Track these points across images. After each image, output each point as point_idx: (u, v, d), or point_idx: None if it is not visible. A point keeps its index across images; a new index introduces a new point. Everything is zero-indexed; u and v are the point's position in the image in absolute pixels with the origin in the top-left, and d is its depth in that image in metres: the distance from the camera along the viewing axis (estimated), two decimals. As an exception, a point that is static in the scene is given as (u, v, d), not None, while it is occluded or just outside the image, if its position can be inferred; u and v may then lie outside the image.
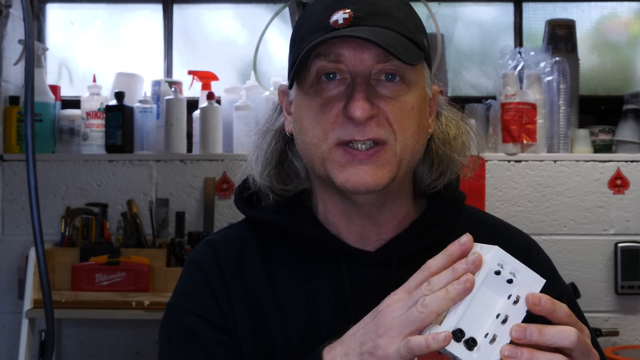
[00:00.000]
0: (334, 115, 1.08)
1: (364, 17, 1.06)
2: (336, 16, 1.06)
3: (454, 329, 0.88)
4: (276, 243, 1.20)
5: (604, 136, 3.12)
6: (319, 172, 1.12)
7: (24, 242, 3.00)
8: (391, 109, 1.08)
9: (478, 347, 0.88)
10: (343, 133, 1.07)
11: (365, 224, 1.16)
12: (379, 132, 1.07)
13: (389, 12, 1.09)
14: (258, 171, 1.19)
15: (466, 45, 3.38)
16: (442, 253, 0.95)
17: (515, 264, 0.90)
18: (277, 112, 1.23)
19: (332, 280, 1.15)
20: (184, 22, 3.43)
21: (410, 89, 1.10)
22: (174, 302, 1.21)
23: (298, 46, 1.11)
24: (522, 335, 0.87)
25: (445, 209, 1.20)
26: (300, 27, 1.13)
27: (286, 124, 1.19)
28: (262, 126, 1.23)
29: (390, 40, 1.04)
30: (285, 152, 1.21)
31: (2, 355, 3.07)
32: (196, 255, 1.22)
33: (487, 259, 0.89)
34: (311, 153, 1.11)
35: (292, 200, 1.21)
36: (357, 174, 1.08)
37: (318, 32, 1.07)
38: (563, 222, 3.00)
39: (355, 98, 1.05)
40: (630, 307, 2.99)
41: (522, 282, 0.89)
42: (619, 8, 3.42)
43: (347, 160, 1.08)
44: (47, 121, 3.09)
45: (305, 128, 1.11)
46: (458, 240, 0.94)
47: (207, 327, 1.15)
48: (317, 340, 1.11)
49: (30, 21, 1.01)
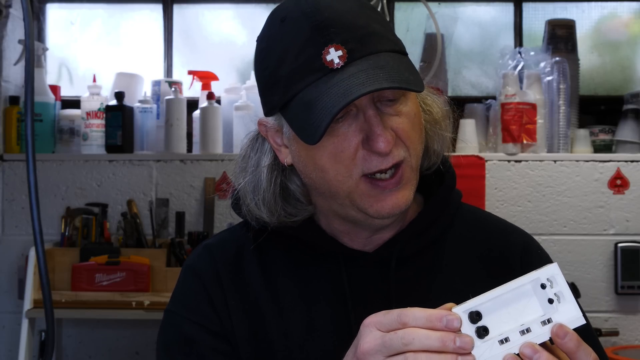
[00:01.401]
0: (353, 152, 1.06)
1: (356, 49, 1.04)
2: (330, 56, 1.03)
3: (473, 309, 0.87)
4: (274, 246, 1.19)
5: (604, 136, 3.12)
6: (343, 202, 1.10)
7: (24, 242, 3.00)
8: (402, 127, 1.07)
9: (487, 338, 0.87)
10: (368, 166, 1.06)
11: (370, 237, 1.17)
12: (399, 155, 1.07)
13: (370, 30, 1.06)
14: (266, 214, 1.15)
15: (466, 45, 3.38)
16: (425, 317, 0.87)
17: (565, 290, 0.88)
18: (259, 143, 1.19)
19: (331, 281, 1.15)
20: (184, 22, 3.43)
21: (406, 95, 1.09)
22: (172, 309, 1.20)
23: (287, 85, 1.06)
24: (530, 355, 0.86)
25: (442, 208, 1.20)
26: (278, 63, 1.07)
27: (281, 156, 1.15)
28: (252, 165, 1.18)
29: (395, 71, 1.03)
30: (285, 185, 1.18)
31: (2, 355, 3.07)
32: (193, 261, 1.22)
33: (542, 269, 0.88)
34: (334, 188, 1.09)
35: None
36: (390, 202, 1.08)
37: (314, 73, 1.04)
38: (563, 222, 3.00)
39: (377, 132, 1.04)
40: (630, 307, 2.99)
41: (562, 308, 0.88)
42: (619, 8, 3.42)
43: (377, 192, 1.08)
44: (47, 121, 3.10)
45: (324, 167, 1.08)
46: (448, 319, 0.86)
47: (205, 335, 1.15)
48: (318, 342, 1.11)
49: (30, 21, 1.01)
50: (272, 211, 1.15)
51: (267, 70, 1.10)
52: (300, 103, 1.04)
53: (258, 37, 1.14)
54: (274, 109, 1.11)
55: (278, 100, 1.09)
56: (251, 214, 1.16)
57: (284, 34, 1.08)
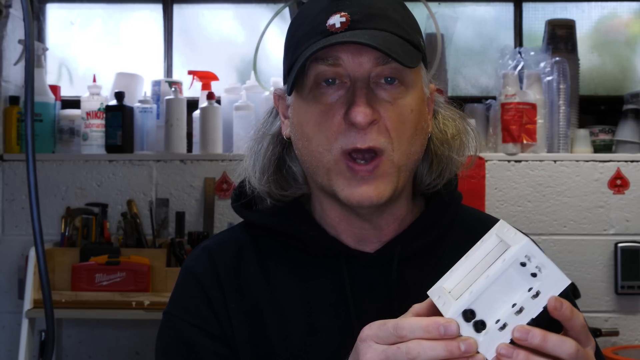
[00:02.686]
0: (336, 123, 1.07)
1: (361, 20, 1.06)
2: (332, 20, 1.06)
3: (466, 308, 0.88)
4: (274, 246, 1.19)
5: (604, 136, 3.12)
6: (322, 182, 1.11)
7: (24, 242, 3.00)
8: (390, 115, 1.07)
9: (486, 331, 0.87)
10: (346, 141, 1.06)
11: (365, 227, 1.16)
12: (379, 140, 1.06)
13: (386, 13, 1.08)
14: (256, 177, 1.18)
15: (466, 45, 3.38)
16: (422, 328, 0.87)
17: (543, 259, 0.89)
18: (272, 116, 1.21)
19: (332, 282, 1.15)
20: (183, 22, 3.43)
21: (409, 90, 1.09)
22: (171, 311, 1.19)
23: (294, 50, 1.10)
24: (524, 336, 0.86)
25: (443, 208, 1.20)
26: (295, 31, 1.12)
27: (283, 128, 1.17)
28: (258, 130, 1.21)
29: (389, 44, 1.04)
30: (282, 157, 1.19)
31: (2, 355, 3.07)
32: (191, 263, 1.21)
33: (516, 249, 0.88)
34: (315, 160, 1.10)
35: (290, 203, 1.20)
36: (361, 190, 1.07)
37: (315, 37, 1.07)
38: (563, 222, 3.00)
39: (357, 103, 1.05)
40: (630, 307, 2.99)
41: (546, 278, 0.88)
42: (619, 8, 3.42)
43: (350, 175, 1.07)
44: (47, 121, 3.10)
45: (308, 135, 1.09)
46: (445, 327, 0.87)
47: (204, 338, 1.14)
48: (319, 343, 1.11)
49: (30, 21, 1.01)
50: (261, 174, 1.17)
51: (286, 38, 1.15)
52: (297, 61, 1.08)
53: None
54: (284, 76, 1.14)
55: (287, 65, 1.12)
56: (247, 174, 1.19)
57: (308, 6, 1.12)
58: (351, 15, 1.06)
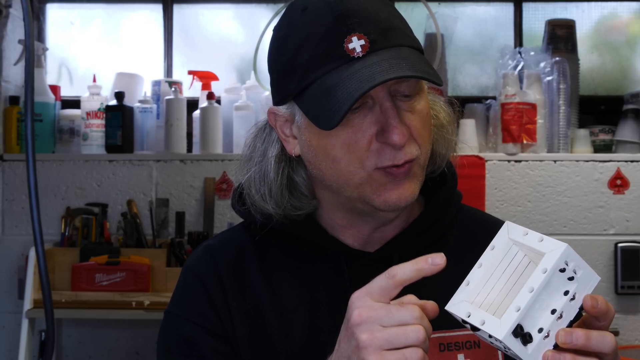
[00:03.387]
0: (367, 143, 1.06)
1: (378, 40, 1.04)
2: (352, 44, 1.04)
3: (517, 325, 0.87)
4: (275, 246, 1.19)
5: (604, 136, 3.12)
6: (351, 195, 1.10)
7: (24, 242, 3.00)
8: (415, 125, 1.08)
9: (533, 342, 0.87)
10: (381, 159, 1.07)
11: (372, 233, 1.17)
12: (412, 152, 1.07)
13: (391, 23, 1.08)
14: (272, 206, 1.15)
15: (466, 45, 3.38)
16: (412, 265, 0.92)
17: (578, 260, 0.89)
18: (266, 134, 1.18)
19: (333, 281, 1.15)
20: (183, 22, 3.43)
21: (420, 94, 1.10)
22: (172, 310, 1.20)
23: (305, 73, 1.06)
24: (568, 340, 0.86)
25: (444, 207, 1.20)
26: (298, 49, 1.06)
27: (288, 146, 1.15)
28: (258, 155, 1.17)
29: (416, 64, 1.04)
30: (290, 177, 1.17)
31: (2, 355, 3.07)
32: (193, 262, 1.21)
33: (557, 257, 0.87)
34: (344, 179, 1.09)
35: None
36: (398, 193, 1.08)
37: (334, 61, 1.04)
38: (563, 222, 3.00)
39: (393, 125, 1.04)
40: (630, 307, 2.99)
41: (582, 279, 0.89)
42: (619, 8, 3.42)
43: (387, 180, 1.08)
44: (47, 121, 3.09)
45: (336, 157, 1.08)
46: (432, 257, 0.92)
47: (206, 336, 1.15)
48: (320, 342, 1.11)
49: (30, 21, 1.01)
50: (278, 203, 1.14)
51: (284, 57, 1.09)
52: (319, 89, 1.04)
53: (275, 26, 1.14)
54: (288, 97, 1.10)
55: (293, 88, 1.08)
56: (256, 206, 1.16)
57: (305, 23, 1.07)
58: (367, 36, 1.04)
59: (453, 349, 1.13)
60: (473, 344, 1.13)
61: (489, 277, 0.93)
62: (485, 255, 0.94)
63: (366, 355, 0.89)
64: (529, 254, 0.93)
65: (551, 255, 0.88)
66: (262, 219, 1.16)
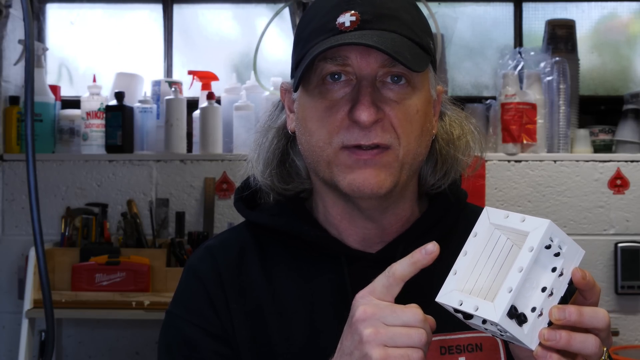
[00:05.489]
0: (339, 119, 1.07)
1: (371, 20, 1.06)
2: (342, 18, 1.06)
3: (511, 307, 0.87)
4: (276, 246, 1.19)
5: (604, 136, 3.12)
6: (324, 174, 1.11)
7: (24, 242, 3.00)
8: (396, 113, 1.07)
9: (528, 322, 0.87)
10: (348, 137, 1.07)
11: (368, 227, 1.16)
12: (384, 137, 1.07)
13: (397, 14, 1.08)
14: (259, 170, 1.19)
15: (466, 45, 3.38)
16: (408, 259, 0.93)
17: (562, 236, 0.89)
18: (278, 110, 1.22)
19: (333, 282, 1.14)
20: (183, 22, 3.43)
21: (415, 91, 1.09)
22: (173, 310, 1.20)
23: (303, 45, 1.10)
24: (562, 316, 0.86)
25: (447, 208, 1.20)
26: (306, 26, 1.12)
27: (288, 121, 1.18)
28: (264, 123, 1.22)
29: (398, 47, 1.04)
30: (287, 150, 1.20)
31: (2, 355, 3.07)
32: (194, 263, 1.21)
33: (541, 234, 0.88)
34: (316, 155, 1.10)
35: (292, 202, 1.20)
36: (362, 176, 1.07)
37: (324, 34, 1.07)
38: (563, 222, 3.00)
39: (362, 102, 1.05)
40: (630, 307, 2.99)
41: (567, 254, 0.88)
42: (619, 8, 3.42)
43: (352, 161, 1.07)
44: (47, 121, 3.09)
45: (310, 129, 1.10)
46: (424, 247, 0.93)
47: (206, 337, 1.14)
48: (320, 344, 1.10)
49: (30, 21, 1.01)
50: (265, 167, 1.18)
51: (297, 31, 1.15)
52: (306, 59, 1.08)
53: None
54: (292, 70, 1.14)
55: (295, 60, 1.13)
56: (251, 166, 1.20)
57: (320, 2, 1.12)
58: (361, 15, 1.06)
59: (454, 352, 1.12)
60: (475, 347, 1.12)
61: (475, 263, 0.93)
62: (469, 243, 0.94)
63: (369, 350, 0.89)
64: (512, 237, 0.94)
65: (536, 233, 0.88)
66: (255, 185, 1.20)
